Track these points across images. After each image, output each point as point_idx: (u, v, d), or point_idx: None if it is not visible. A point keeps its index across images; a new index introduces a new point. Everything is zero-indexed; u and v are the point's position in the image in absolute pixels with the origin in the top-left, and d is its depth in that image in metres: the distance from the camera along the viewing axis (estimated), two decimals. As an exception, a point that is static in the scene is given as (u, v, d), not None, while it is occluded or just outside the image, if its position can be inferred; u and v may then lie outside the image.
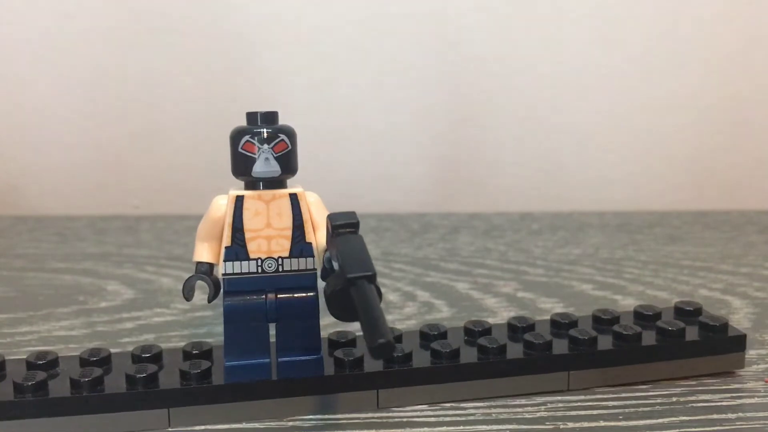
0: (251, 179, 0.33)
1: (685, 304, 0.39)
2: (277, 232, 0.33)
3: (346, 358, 0.34)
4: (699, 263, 0.55)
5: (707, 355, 0.37)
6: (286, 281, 0.33)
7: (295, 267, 0.33)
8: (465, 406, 0.35)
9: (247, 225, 0.33)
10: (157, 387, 0.32)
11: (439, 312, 0.47)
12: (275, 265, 0.33)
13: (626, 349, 0.36)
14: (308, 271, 0.33)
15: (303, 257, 0.33)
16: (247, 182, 0.33)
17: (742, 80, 0.70)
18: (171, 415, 0.32)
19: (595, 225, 0.65)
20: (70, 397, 0.31)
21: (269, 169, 0.32)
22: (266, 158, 0.32)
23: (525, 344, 0.35)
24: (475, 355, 0.35)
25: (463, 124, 0.71)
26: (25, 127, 0.71)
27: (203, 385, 0.32)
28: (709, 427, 0.33)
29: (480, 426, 0.33)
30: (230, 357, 0.33)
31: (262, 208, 0.33)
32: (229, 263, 0.33)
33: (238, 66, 0.70)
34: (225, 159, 0.34)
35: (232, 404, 0.32)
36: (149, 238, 0.62)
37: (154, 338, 0.43)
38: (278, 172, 0.32)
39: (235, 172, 0.33)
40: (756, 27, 0.69)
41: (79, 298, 0.49)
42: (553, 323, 0.38)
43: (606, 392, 0.36)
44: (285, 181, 0.33)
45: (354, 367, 0.34)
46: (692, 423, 0.33)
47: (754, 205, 0.71)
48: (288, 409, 0.33)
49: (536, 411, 0.34)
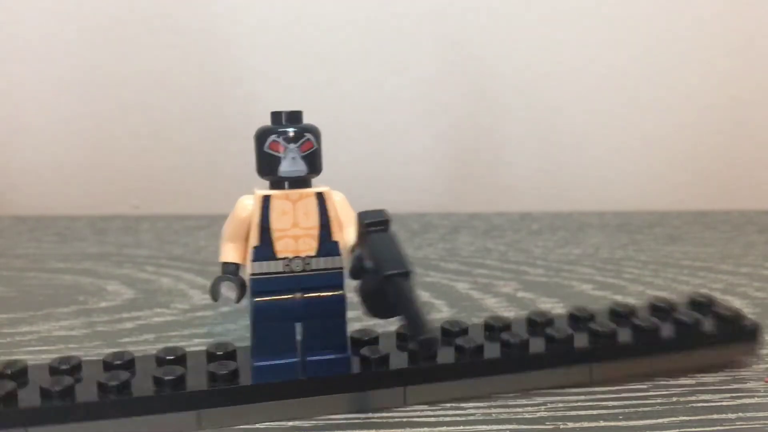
0: (277, 179, 0.33)
1: (698, 295, 0.40)
2: (304, 231, 0.33)
3: (372, 356, 0.34)
4: (699, 263, 0.55)
5: (723, 345, 0.37)
6: (313, 280, 0.33)
7: (323, 266, 0.33)
8: (465, 406, 0.35)
9: (275, 225, 0.33)
10: (185, 389, 0.32)
11: (439, 312, 0.47)
12: (302, 264, 0.33)
13: (646, 342, 0.36)
14: (335, 269, 0.33)
15: (330, 256, 0.33)
16: (273, 182, 0.33)
17: (742, 80, 0.70)
18: (200, 416, 0.32)
19: (595, 225, 0.65)
20: (97, 401, 0.31)
21: (296, 169, 0.32)
22: (293, 158, 0.32)
23: (546, 338, 0.36)
24: (498, 350, 0.35)
25: (463, 124, 0.71)
26: (25, 127, 0.71)
27: (232, 386, 0.32)
28: (709, 427, 0.33)
29: (480, 426, 0.33)
30: (259, 357, 0.33)
31: (289, 207, 0.33)
32: (257, 263, 0.33)
33: (238, 66, 0.70)
34: (225, 159, 0.34)
35: (261, 404, 0.32)
36: (149, 238, 0.62)
37: (154, 338, 0.43)
38: (305, 171, 0.32)
39: (260, 171, 0.33)
40: (756, 27, 0.69)
41: (79, 298, 0.49)
42: (571, 317, 0.38)
43: (606, 392, 0.36)
44: (310, 180, 0.33)
45: (380, 364, 0.34)
46: (692, 423, 0.33)
47: (754, 205, 0.71)
48: (316, 408, 0.33)
49: (536, 411, 0.34)
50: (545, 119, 0.71)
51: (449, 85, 0.70)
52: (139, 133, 0.71)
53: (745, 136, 0.72)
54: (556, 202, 0.72)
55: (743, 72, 0.70)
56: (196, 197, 0.72)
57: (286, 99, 0.70)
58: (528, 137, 0.71)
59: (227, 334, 0.44)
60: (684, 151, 0.72)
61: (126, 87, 0.70)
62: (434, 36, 0.69)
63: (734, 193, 0.72)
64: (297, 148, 0.32)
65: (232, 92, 0.70)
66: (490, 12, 0.69)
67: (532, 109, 0.71)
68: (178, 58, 0.69)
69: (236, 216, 0.33)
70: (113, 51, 0.69)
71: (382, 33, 0.69)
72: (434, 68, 0.70)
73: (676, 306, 0.39)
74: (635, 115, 0.71)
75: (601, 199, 0.72)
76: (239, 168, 0.71)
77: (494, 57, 0.70)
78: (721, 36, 0.69)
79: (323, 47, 0.69)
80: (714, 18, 0.69)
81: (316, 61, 0.70)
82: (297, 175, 0.32)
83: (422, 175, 0.72)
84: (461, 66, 0.70)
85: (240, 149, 0.71)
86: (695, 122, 0.71)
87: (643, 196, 0.72)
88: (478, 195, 0.72)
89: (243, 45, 0.69)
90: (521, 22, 0.69)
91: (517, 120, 0.71)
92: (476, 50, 0.70)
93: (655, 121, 0.71)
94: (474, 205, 0.71)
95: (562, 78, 0.70)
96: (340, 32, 0.69)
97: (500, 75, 0.70)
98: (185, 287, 0.51)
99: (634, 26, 0.69)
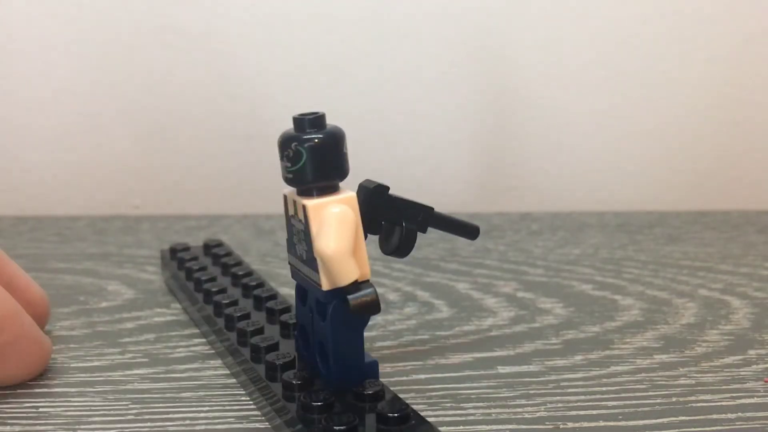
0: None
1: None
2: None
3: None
4: (699, 263, 0.55)
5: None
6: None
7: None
8: (465, 406, 0.35)
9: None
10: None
11: (439, 312, 0.47)
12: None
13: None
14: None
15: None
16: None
17: (743, 80, 0.70)
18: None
19: (595, 225, 0.65)
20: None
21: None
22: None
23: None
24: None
25: (462, 124, 0.71)
26: (26, 127, 0.71)
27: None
28: (709, 427, 0.33)
29: (480, 426, 0.33)
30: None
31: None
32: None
33: (239, 66, 0.70)
34: (226, 159, 0.34)
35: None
36: (149, 238, 0.62)
37: (155, 338, 0.43)
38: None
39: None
40: (756, 26, 0.69)
41: (79, 298, 0.49)
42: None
43: (606, 393, 0.36)
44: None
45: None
46: (692, 423, 0.33)
47: (754, 205, 0.71)
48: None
49: (536, 411, 0.34)
50: (545, 119, 0.71)
51: (449, 87, 0.70)
52: (139, 133, 0.71)
53: (745, 136, 0.72)
54: (556, 202, 0.72)
55: (743, 72, 0.70)
56: (197, 197, 0.72)
57: (287, 99, 0.70)
58: (528, 137, 0.71)
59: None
60: (684, 151, 0.72)
61: (126, 87, 0.70)
62: (434, 36, 0.69)
63: (734, 193, 0.72)
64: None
65: (233, 92, 0.70)
66: (490, 12, 0.69)
67: (531, 109, 0.71)
68: (179, 58, 0.69)
69: (351, 223, 0.31)
70: (114, 51, 0.69)
71: (381, 32, 0.69)
72: (434, 69, 0.70)
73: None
74: (635, 115, 0.71)
75: (601, 199, 0.72)
76: (240, 168, 0.71)
77: (493, 57, 0.70)
78: (721, 36, 0.69)
79: (327, 48, 0.69)
80: (714, 18, 0.69)
81: (317, 61, 0.70)
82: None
83: (421, 175, 0.72)
84: (461, 67, 0.70)
85: (240, 149, 0.71)
86: (695, 122, 0.71)
87: (643, 196, 0.72)
88: (477, 195, 0.72)
89: (244, 44, 0.69)
90: (519, 22, 0.69)
91: (517, 120, 0.71)
92: (475, 50, 0.70)
93: (655, 121, 0.71)
94: (473, 205, 0.71)
95: (562, 78, 0.70)
96: (341, 32, 0.69)
97: (500, 75, 0.70)
98: (185, 287, 0.51)
99: (633, 26, 0.69)
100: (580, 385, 0.37)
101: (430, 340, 0.43)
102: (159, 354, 0.41)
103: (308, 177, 0.31)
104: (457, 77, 0.70)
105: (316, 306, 0.33)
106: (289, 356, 0.35)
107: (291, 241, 0.34)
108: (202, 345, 0.42)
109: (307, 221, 0.31)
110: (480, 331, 0.44)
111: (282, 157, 0.31)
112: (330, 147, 0.31)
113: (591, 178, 0.72)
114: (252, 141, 0.70)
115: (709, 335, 0.43)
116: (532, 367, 0.39)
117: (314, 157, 0.31)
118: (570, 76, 0.70)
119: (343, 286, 0.31)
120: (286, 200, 0.33)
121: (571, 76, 0.70)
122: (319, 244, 0.31)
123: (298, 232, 0.33)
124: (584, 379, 0.38)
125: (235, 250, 0.51)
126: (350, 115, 0.70)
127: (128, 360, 0.40)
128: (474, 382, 0.37)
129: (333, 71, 0.70)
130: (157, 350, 0.42)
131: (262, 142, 0.70)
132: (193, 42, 0.69)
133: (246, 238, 0.61)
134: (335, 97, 0.70)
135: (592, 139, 0.72)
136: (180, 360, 0.40)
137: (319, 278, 0.32)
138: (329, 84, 0.70)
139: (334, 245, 0.30)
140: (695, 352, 0.41)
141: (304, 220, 0.32)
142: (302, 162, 0.31)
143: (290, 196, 0.33)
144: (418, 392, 0.37)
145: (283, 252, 0.58)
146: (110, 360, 0.40)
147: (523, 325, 0.45)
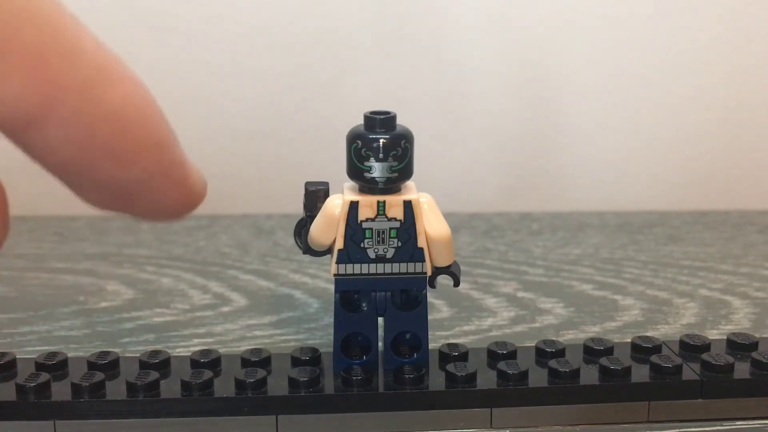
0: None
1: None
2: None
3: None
4: (699, 263, 0.55)
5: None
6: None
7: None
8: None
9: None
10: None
11: (439, 312, 0.47)
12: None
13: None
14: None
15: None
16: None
17: (743, 80, 0.70)
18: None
19: (595, 225, 0.65)
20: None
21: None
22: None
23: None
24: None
25: (461, 124, 0.71)
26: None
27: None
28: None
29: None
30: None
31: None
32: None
33: (239, 66, 0.69)
34: (226, 159, 0.34)
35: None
36: (149, 238, 0.62)
37: (154, 338, 0.43)
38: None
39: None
40: (757, 27, 0.69)
41: (79, 298, 0.49)
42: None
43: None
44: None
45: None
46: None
47: (754, 205, 0.71)
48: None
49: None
50: (545, 119, 0.71)
51: (449, 85, 0.70)
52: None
53: (745, 136, 0.72)
54: (556, 202, 0.72)
55: (743, 72, 0.70)
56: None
57: (288, 99, 0.70)
58: (528, 137, 0.71)
59: (227, 334, 0.44)
60: (684, 151, 0.72)
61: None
62: (433, 37, 0.69)
63: (734, 193, 0.72)
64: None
65: (233, 92, 0.70)
66: (490, 12, 0.69)
67: (531, 109, 0.71)
68: (180, 57, 0.69)
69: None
70: (114, 50, 0.69)
71: (380, 32, 0.69)
72: (433, 69, 0.70)
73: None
74: (635, 115, 0.71)
75: (601, 199, 0.72)
76: (240, 168, 0.71)
77: (491, 57, 0.70)
78: (722, 36, 0.69)
79: (324, 48, 0.69)
80: (715, 18, 0.69)
81: (318, 61, 0.70)
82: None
83: (420, 175, 0.71)
84: (460, 67, 0.70)
85: (241, 149, 0.71)
86: (695, 122, 0.71)
87: (643, 196, 0.72)
88: (477, 195, 0.72)
89: (245, 43, 0.69)
90: (519, 22, 0.69)
91: (516, 120, 0.71)
92: (475, 51, 0.70)
93: (655, 121, 0.71)
94: (473, 205, 0.71)
95: (562, 78, 0.70)
96: (342, 32, 0.69)
97: (499, 75, 0.70)
98: (185, 287, 0.51)
99: (634, 27, 0.69)
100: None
101: (430, 341, 0.43)
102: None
103: (410, 172, 0.33)
104: (455, 78, 0.70)
105: (401, 299, 0.35)
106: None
107: (355, 248, 0.34)
108: (201, 345, 0.42)
109: (412, 215, 0.33)
110: (480, 331, 0.44)
111: (386, 158, 0.32)
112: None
113: (591, 178, 0.72)
114: (252, 141, 0.70)
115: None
116: (533, 367, 0.39)
117: (412, 154, 0.33)
118: (570, 77, 0.70)
119: (450, 263, 0.34)
120: (350, 207, 0.33)
121: (570, 77, 0.70)
122: (439, 228, 0.34)
123: (382, 232, 0.33)
124: (584, 379, 0.38)
125: (234, 250, 0.51)
126: (350, 116, 0.70)
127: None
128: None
129: (333, 71, 0.70)
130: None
131: (262, 142, 0.70)
132: (193, 42, 0.69)
133: (246, 238, 0.61)
134: (335, 97, 0.70)
135: (592, 140, 0.72)
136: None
137: (418, 268, 0.33)
138: (329, 84, 0.70)
139: (448, 227, 0.34)
140: (695, 352, 0.40)
141: (403, 216, 0.33)
142: (407, 159, 0.33)
143: (365, 200, 0.33)
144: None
145: (282, 252, 0.58)
146: (110, 360, 0.40)
147: (524, 325, 0.45)
